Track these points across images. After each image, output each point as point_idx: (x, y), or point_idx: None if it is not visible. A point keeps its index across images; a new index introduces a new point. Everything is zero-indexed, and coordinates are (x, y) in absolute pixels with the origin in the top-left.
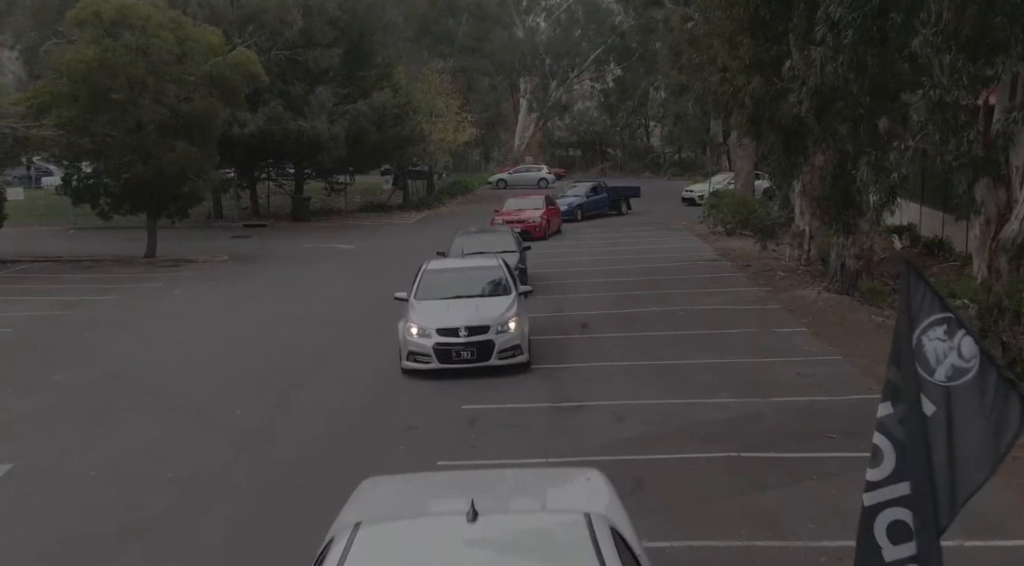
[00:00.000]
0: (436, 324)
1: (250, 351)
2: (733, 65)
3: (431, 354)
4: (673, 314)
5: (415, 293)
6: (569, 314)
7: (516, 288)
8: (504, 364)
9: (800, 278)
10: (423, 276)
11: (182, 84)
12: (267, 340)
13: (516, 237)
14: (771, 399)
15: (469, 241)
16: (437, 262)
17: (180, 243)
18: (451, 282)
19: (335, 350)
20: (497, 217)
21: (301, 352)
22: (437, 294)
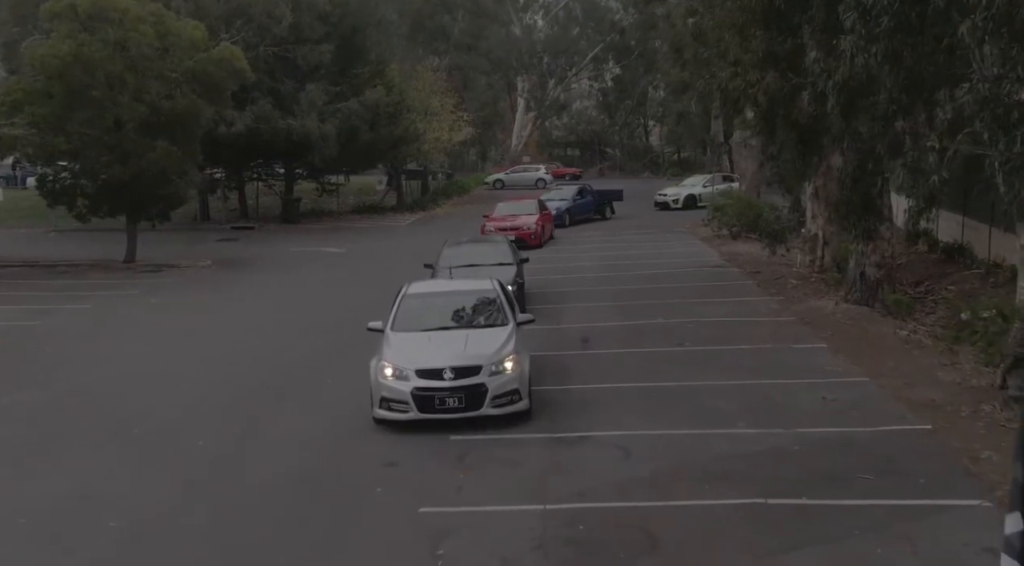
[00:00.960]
0: (416, 363)
1: (222, 368)
2: (745, 59)
3: (409, 402)
4: (680, 327)
5: (392, 323)
6: (568, 327)
7: (514, 317)
8: (499, 413)
9: (814, 287)
10: (402, 302)
11: (163, 81)
12: (242, 355)
13: (511, 248)
14: (795, 430)
15: (459, 252)
16: (419, 284)
17: (163, 246)
18: (435, 310)
19: (313, 367)
20: (487, 224)
21: (277, 369)
22: (418, 324)
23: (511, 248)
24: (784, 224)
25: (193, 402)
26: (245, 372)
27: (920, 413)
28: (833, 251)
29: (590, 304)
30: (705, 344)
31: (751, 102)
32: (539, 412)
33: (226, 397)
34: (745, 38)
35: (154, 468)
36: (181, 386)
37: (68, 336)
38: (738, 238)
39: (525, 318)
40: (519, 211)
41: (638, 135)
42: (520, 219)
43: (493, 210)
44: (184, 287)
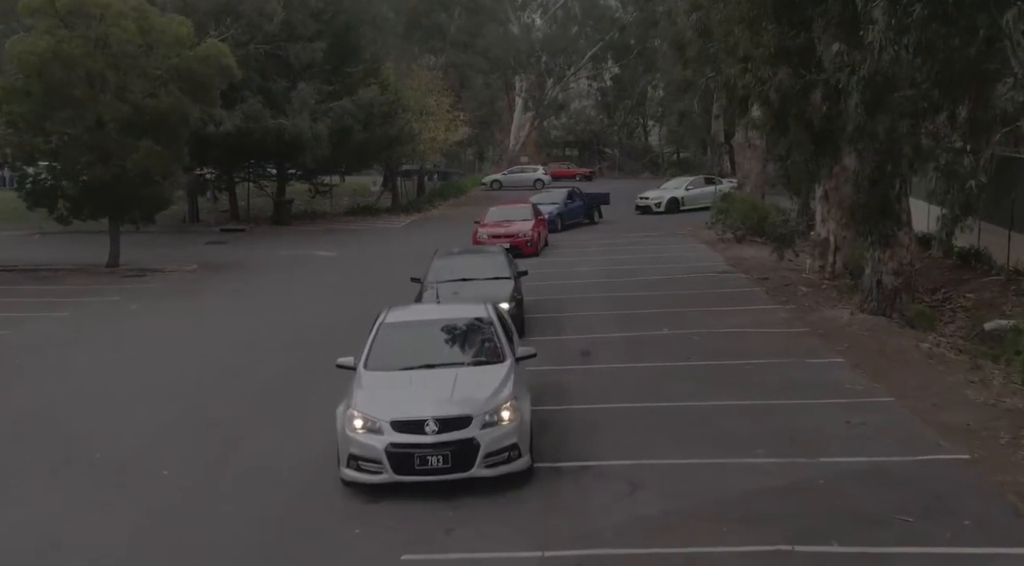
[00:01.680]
0: (391, 413)
1: (198, 385)
2: (756, 54)
3: (382, 461)
4: (687, 339)
5: (365, 359)
6: (568, 338)
7: (512, 350)
8: (494, 475)
9: (826, 294)
10: (379, 333)
11: (146, 79)
12: (220, 369)
13: (508, 259)
14: (819, 459)
15: (450, 265)
16: (400, 311)
17: (150, 250)
18: (418, 343)
19: (294, 385)
20: (480, 230)
21: (255, 386)
22: (397, 361)
23: (507, 260)
24: (792, 228)
25: (163, 422)
26: (222, 389)
27: (955, 440)
28: (845, 257)
29: (591, 313)
30: (714, 358)
31: (761, 100)
32: (537, 436)
33: (199, 417)
34: (755, 32)
35: (110, 504)
36: (152, 403)
37: (38, 347)
38: (743, 241)
39: (525, 352)
40: (513, 216)
41: (637, 135)
42: (515, 225)
43: (485, 215)
44: (167, 293)
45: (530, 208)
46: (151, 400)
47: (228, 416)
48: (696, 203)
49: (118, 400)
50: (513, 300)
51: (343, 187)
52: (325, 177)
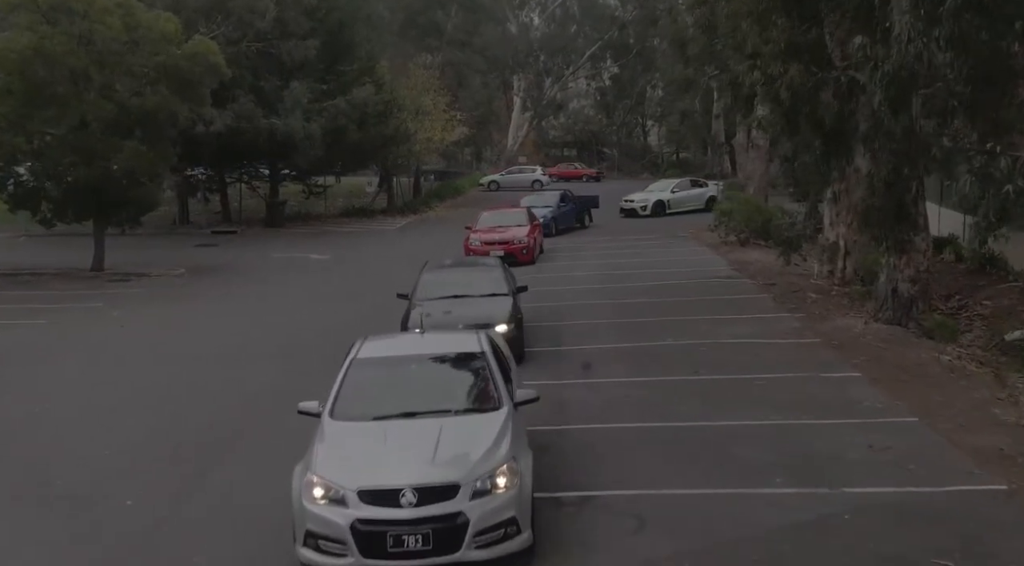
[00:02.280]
0: (359, 479)
1: (174, 400)
2: (766, 50)
3: (347, 541)
4: (693, 350)
5: (332, 405)
6: (567, 349)
7: (511, 394)
8: (486, 557)
9: (836, 302)
10: (349, 372)
11: (132, 77)
12: (199, 384)
13: (505, 273)
14: (843, 490)
15: (441, 279)
16: (375, 344)
17: (137, 252)
18: (396, 385)
19: (276, 402)
20: (472, 236)
21: (235, 403)
22: (370, 408)
23: (505, 273)
24: (799, 231)
25: (130, 444)
26: (199, 406)
27: (989, 467)
28: (856, 262)
29: (590, 321)
30: (722, 371)
31: (771, 98)
32: (534, 461)
33: (171, 440)
34: (764, 27)
35: (64, 540)
36: (121, 424)
37: (10, 359)
38: (746, 244)
39: (527, 396)
40: (507, 221)
41: (636, 135)
42: (510, 231)
43: (476, 220)
44: (151, 299)
45: (524, 213)
46: (125, 418)
47: (203, 438)
48: (683, 206)
49: (82, 422)
50: (512, 321)
51: (338, 188)
52: (319, 178)
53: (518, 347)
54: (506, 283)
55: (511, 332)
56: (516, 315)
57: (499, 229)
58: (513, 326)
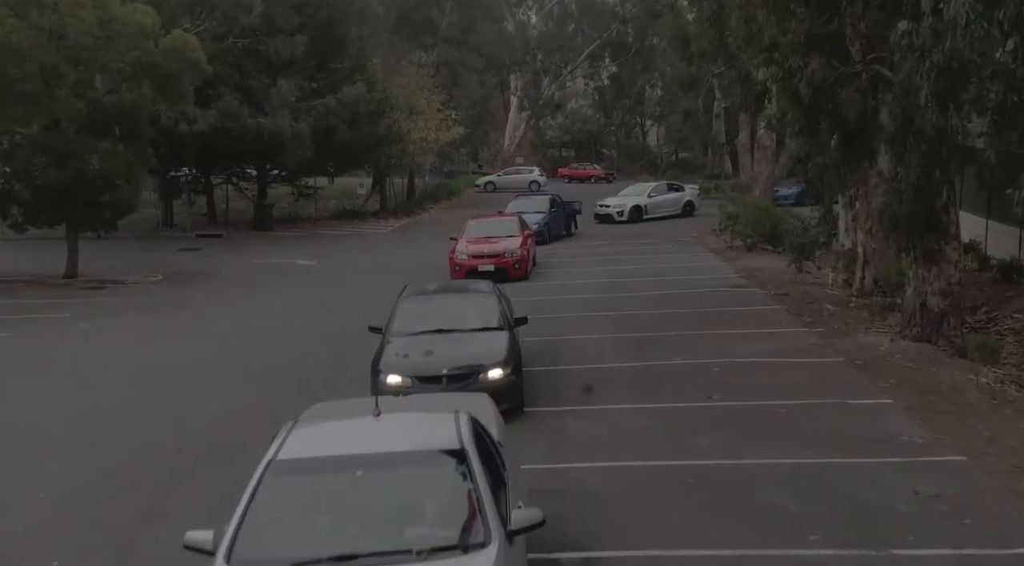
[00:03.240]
0: None
1: (126, 428)
2: (784, 42)
3: None
4: (704, 371)
5: (229, 547)
6: (566, 369)
7: (503, 517)
8: None
9: (856, 314)
10: (263, 485)
11: (107, 73)
12: (157, 408)
13: (500, 300)
14: (891, 551)
15: (423, 309)
16: (309, 431)
17: (117, 257)
18: (331, 508)
19: (239, 434)
20: (458, 249)
21: (191, 438)
22: (287, 549)
23: (500, 302)
24: (813, 237)
25: (71, 483)
26: (153, 436)
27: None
28: (876, 271)
29: (591, 336)
30: (739, 397)
31: (789, 94)
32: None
33: (116, 478)
34: (782, 17)
35: None
36: (67, 456)
37: None
38: (754, 250)
39: (527, 521)
40: (497, 231)
41: (635, 135)
42: (501, 243)
43: (462, 230)
44: (123, 308)
45: (515, 221)
46: (70, 449)
47: (153, 475)
48: (660, 211)
49: (22, 450)
50: (509, 364)
51: (331, 189)
52: (309, 179)
53: (515, 397)
54: (501, 314)
55: (507, 377)
56: (514, 356)
57: (488, 240)
58: (510, 371)
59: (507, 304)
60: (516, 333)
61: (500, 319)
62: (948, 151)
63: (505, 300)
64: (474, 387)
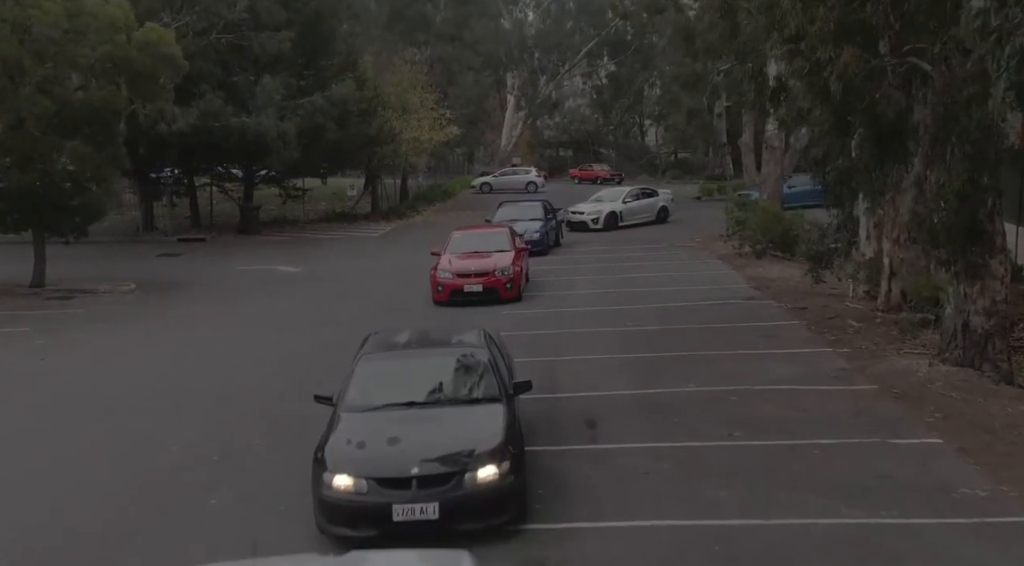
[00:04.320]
0: None
1: (69, 469)
2: (812, 31)
3: None
4: (722, 400)
5: None
6: (565, 398)
7: None
8: None
9: (884, 332)
10: None
11: (76, 69)
12: (105, 443)
13: (492, 357)
14: None
15: (389, 374)
16: None
17: (90, 264)
18: None
19: (197, 476)
20: (440, 266)
21: (145, 477)
22: None
23: (493, 359)
24: (831, 246)
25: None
26: (99, 476)
27: None
28: (904, 283)
29: (592, 357)
30: (764, 433)
31: (815, 90)
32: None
33: (47, 533)
34: (809, 4)
35: None
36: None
37: None
38: (763, 257)
39: None
40: (486, 245)
41: (633, 135)
42: (491, 259)
43: (445, 244)
44: (88, 322)
45: (506, 233)
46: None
47: (96, 528)
48: (635, 217)
49: None
50: (506, 457)
51: (322, 190)
52: (298, 180)
53: (514, 506)
54: (495, 378)
55: (503, 477)
56: (513, 444)
57: (475, 256)
58: (507, 468)
59: (504, 359)
60: (515, 406)
61: (494, 385)
62: (996, 153)
63: (501, 353)
64: (457, 493)
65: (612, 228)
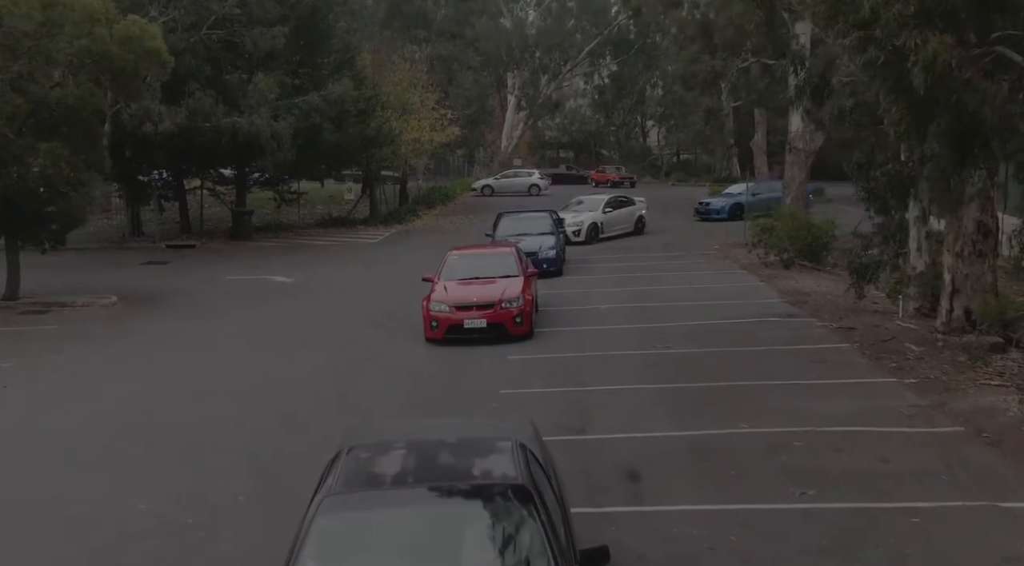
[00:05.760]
0: None
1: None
2: (889, 15)
3: None
4: (783, 446)
5: None
6: (598, 440)
7: None
8: None
9: (950, 359)
10: None
11: (51, 65)
12: (55, 505)
13: (542, 496)
14: None
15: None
16: None
17: (71, 273)
18: None
19: (160, 549)
20: (436, 294)
21: (91, 555)
22: None
23: (539, 506)
24: (877, 257)
25: None
26: (39, 555)
27: None
28: (968, 302)
29: (625, 388)
30: (844, 493)
31: (889, 83)
32: None
33: None
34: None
35: None
36: None
37: None
38: (791, 267)
39: None
40: (488, 269)
41: (635, 136)
42: (495, 287)
43: (440, 268)
44: (60, 341)
45: (512, 254)
46: None
47: None
48: (615, 228)
49: None
50: None
51: (319, 193)
52: (294, 183)
53: None
54: (538, 524)
55: None
56: None
57: (476, 284)
58: None
59: (554, 487)
60: None
61: (541, 541)
62: None
63: (547, 473)
64: None
65: (592, 241)
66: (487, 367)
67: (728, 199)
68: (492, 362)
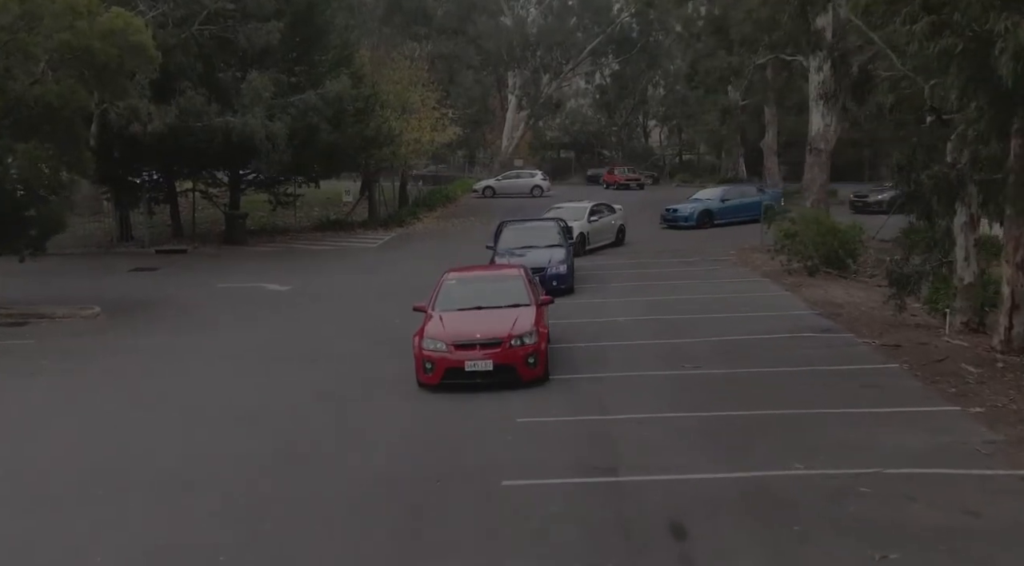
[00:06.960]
0: None
1: None
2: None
3: None
4: (849, 494)
5: None
6: (634, 483)
7: None
8: None
9: (1014, 382)
10: None
11: (30, 60)
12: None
13: None
14: None
15: None
16: None
17: (55, 280)
18: None
19: None
20: (430, 328)
21: None
22: None
23: None
24: (920, 267)
25: None
26: None
27: None
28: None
29: (656, 416)
30: (934, 558)
31: (966, 74)
32: None
33: None
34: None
35: None
36: None
37: None
38: (816, 275)
39: None
40: (493, 297)
41: (636, 136)
42: (502, 320)
43: (436, 292)
44: (35, 357)
45: (521, 278)
46: None
47: None
48: (599, 238)
49: None
50: None
51: (317, 195)
52: (289, 185)
53: None
54: None
55: None
56: None
57: (477, 318)
58: None
59: None
60: None
61: None
62: None
63: None
64: None
65: (580, 254)
66: (506, 429)
67: (696, 204)
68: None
